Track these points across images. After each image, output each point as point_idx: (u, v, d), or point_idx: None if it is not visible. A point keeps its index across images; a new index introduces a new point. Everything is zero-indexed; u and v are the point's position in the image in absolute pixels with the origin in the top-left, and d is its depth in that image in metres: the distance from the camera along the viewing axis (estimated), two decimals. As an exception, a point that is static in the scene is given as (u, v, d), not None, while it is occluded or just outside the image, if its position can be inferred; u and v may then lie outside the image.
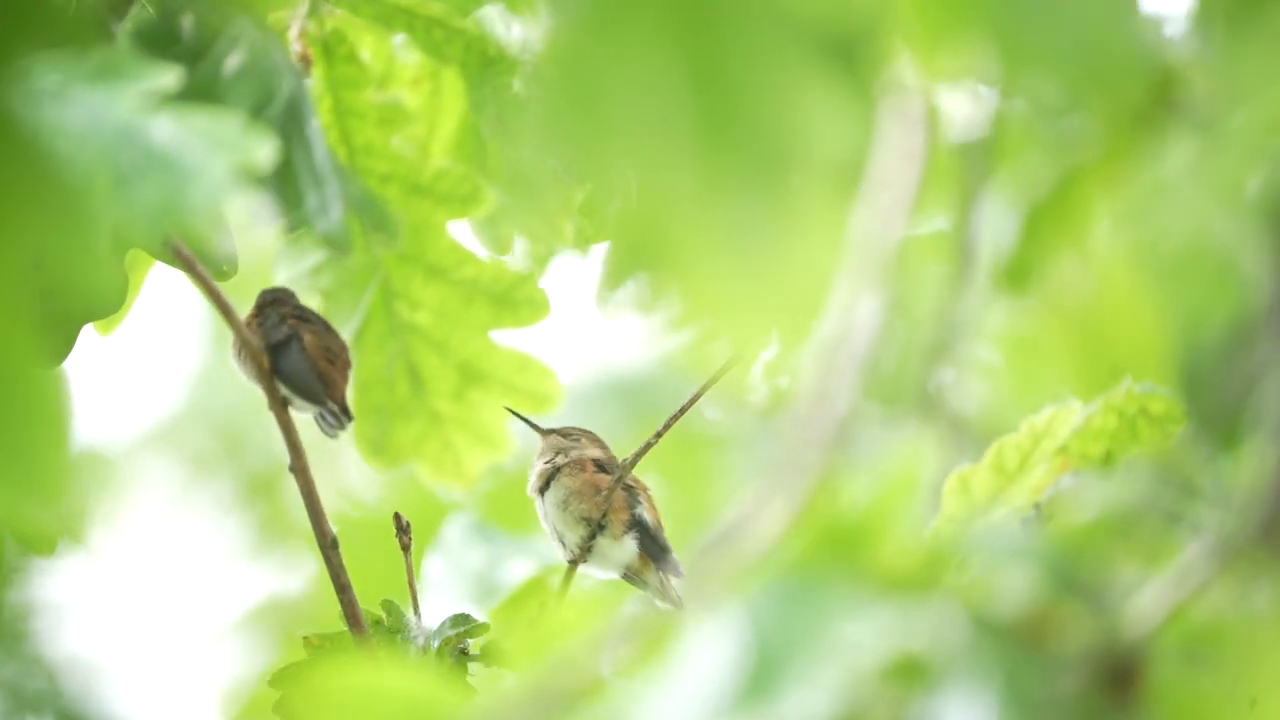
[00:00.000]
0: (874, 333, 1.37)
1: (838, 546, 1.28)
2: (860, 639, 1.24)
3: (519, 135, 1.22)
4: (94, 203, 1.48)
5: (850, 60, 1.31)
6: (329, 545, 1.97)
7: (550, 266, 2.13)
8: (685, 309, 1.32)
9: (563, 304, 2.10)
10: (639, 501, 2.09)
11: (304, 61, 1.91)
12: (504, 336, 2.08)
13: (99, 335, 2.01)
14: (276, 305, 1.99)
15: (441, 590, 2.48)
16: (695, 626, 1.27)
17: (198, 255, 1.85)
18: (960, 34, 1.30)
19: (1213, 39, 1.39)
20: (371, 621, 1.97)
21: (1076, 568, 1.30)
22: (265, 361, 1.96)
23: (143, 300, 2.03)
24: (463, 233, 2.06)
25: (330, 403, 1.97)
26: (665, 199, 1.30)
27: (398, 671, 1.33)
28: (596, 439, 2.13)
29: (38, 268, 1.78)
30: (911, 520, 1.29)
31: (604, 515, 2.07)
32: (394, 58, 2.00)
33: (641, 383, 3.31)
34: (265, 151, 1.51)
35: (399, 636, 1.98)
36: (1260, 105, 1.36)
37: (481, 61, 1.96)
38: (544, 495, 2.10)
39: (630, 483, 2.09)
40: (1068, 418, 1.92)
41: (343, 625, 1.96)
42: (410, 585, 2.04)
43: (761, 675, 1.24)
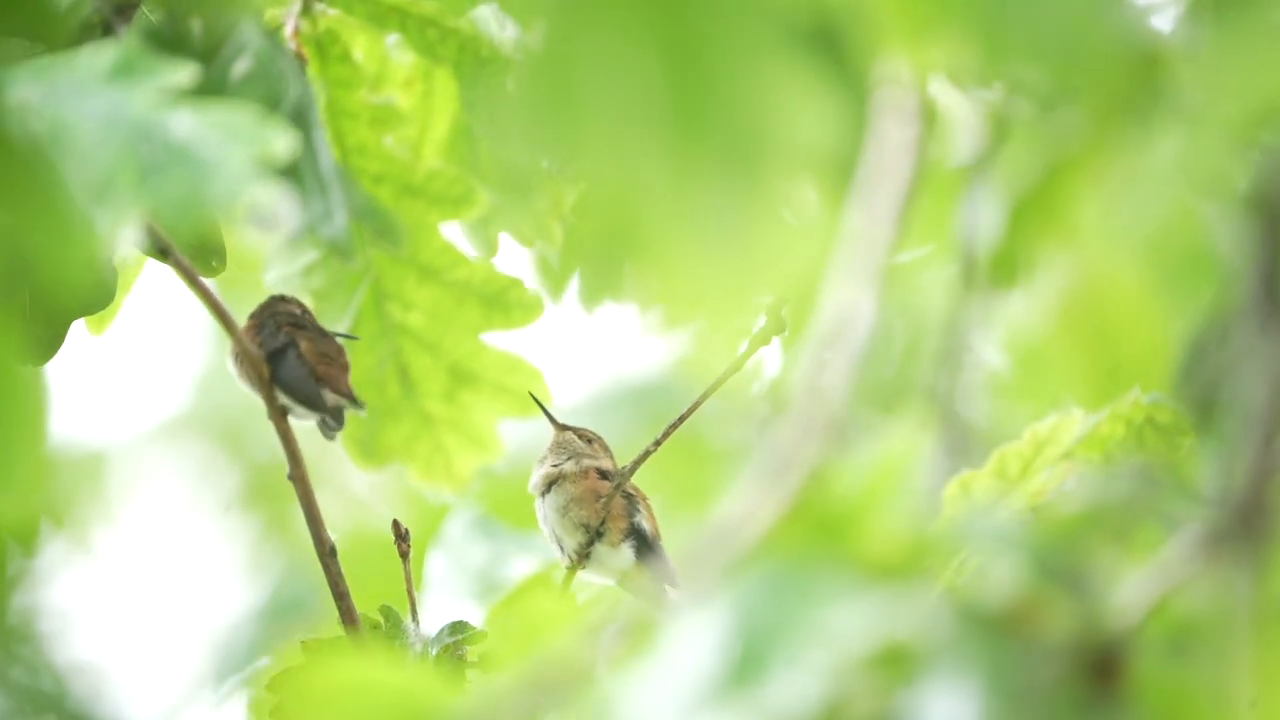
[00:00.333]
0: (869, 330, 1.37)
1: (825, 535, 1.28)
2: (846, 627, 1.24)
3: (500, 126, 1.22)
4: (79, 196, 1.48)
5: (828, 49, 1.31)
6: (327, 553, 1.97)
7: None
8: (657, 296, 1.32)
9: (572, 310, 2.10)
10: (638, 510, 2.09)
11: (299, 61, 1.92)
12: (496, 338, 2.08)
13: (91, 334, 2.01)
14: (273, 313, 1.99)
15: (444, 587, 2.48)
16: (682, 615, 1.27)
17: (194, 250, 1.85)
18: (943, 22, 1.30)
19: (1199, 28, 1.39)
20: (370, 627, 1.97)
21: (1061, 559, 1.30)
22: (265, 371, 1.96)
23: (144, 300, 2.03)
24: (455, 234, 2.06)
25: (335, 401, 1.96)
26: (639, 184, 1.30)
27: (388, 667, 1.33)
28: (606, 445, 2.13)
29: (24, 263, 1.79)
30: (899, 509, 1.29)
31: (602, 522, 2.07)
32: (387, 58, 2.01)
33: (654, 388, 3.31)
34: (283, 143, 1.51)
35: (397, 642, 1.98)
36: (1244, 96, 1.36)
37: (474, 62, 1.96)
38: (545, 497, 2.10)
39: (630, 491, 2.09)
40: (1071, 425, 1.92)
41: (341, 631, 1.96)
42: (409, 592, 2.04)
43: (747, 662, 1.24)
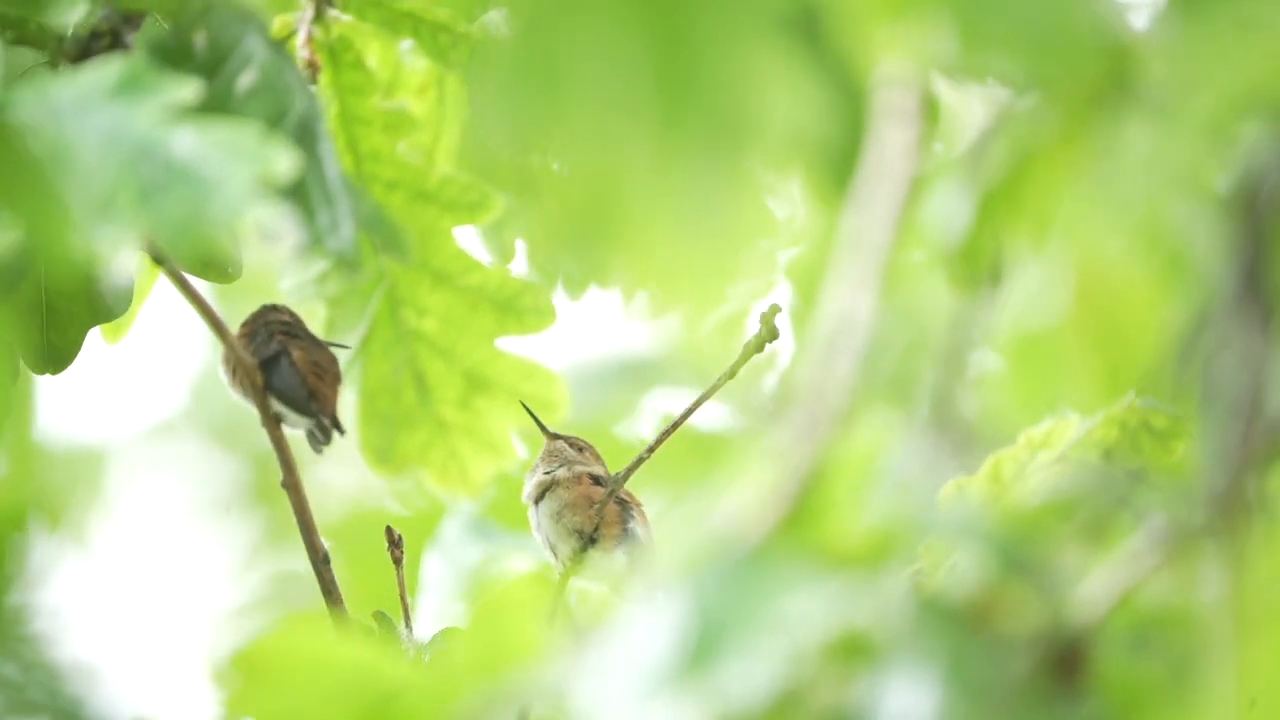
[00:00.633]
0: (870, 329, 1.37)
1: (796, 522, 1.28)
2: (804, 614, 1.24)
3: (483, 109, 1.22)
4: (80, 215, 1.49)
5: (812, 36, 1.31)
6: (321, 561, 1.97)
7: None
8: (641, 280, 1.32)
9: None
10: (632, 515, 2.09)
11: (311, 68, 1.92)
12: (510, 343, 2.08)
13: (107, 342, 2.01)
14: (265, 322, 2.00)
15: (439, 589, 2.48)
16: (639, 600, 1.27)
17: (206, 259, 1.85)
18: (919, 11, 1.30)
19: (1171, 21, 1.39)
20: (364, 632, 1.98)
21: (1025, 551, 1.30)
22: (258, 379, 1.96)
23: (142, 301, 2.04)
24: (468, 239, 2.06)
25: (321, 417, 1.97)
26: (623, 166, 1.30)
27: (343, 643, 1.33)
28: (597, 454, 2.13)
29: (37, 273, 1.79)
30: (865, 501, 1.29)
31: (596, 528, 2.07)
32: (400, 64, 2.01)
33: (639, 366, 3.31)
34: (285, 162, 1.52)
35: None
36: (1217, 89, 1.36)
37: (480, 66, 1.96)
38: (538, 505, 2.10)
39: (624, 496, 2.09)
40: (1066, 430, 1.92)
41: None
42: (402, 599, 2.04)
43: (704, 648, 1.24)
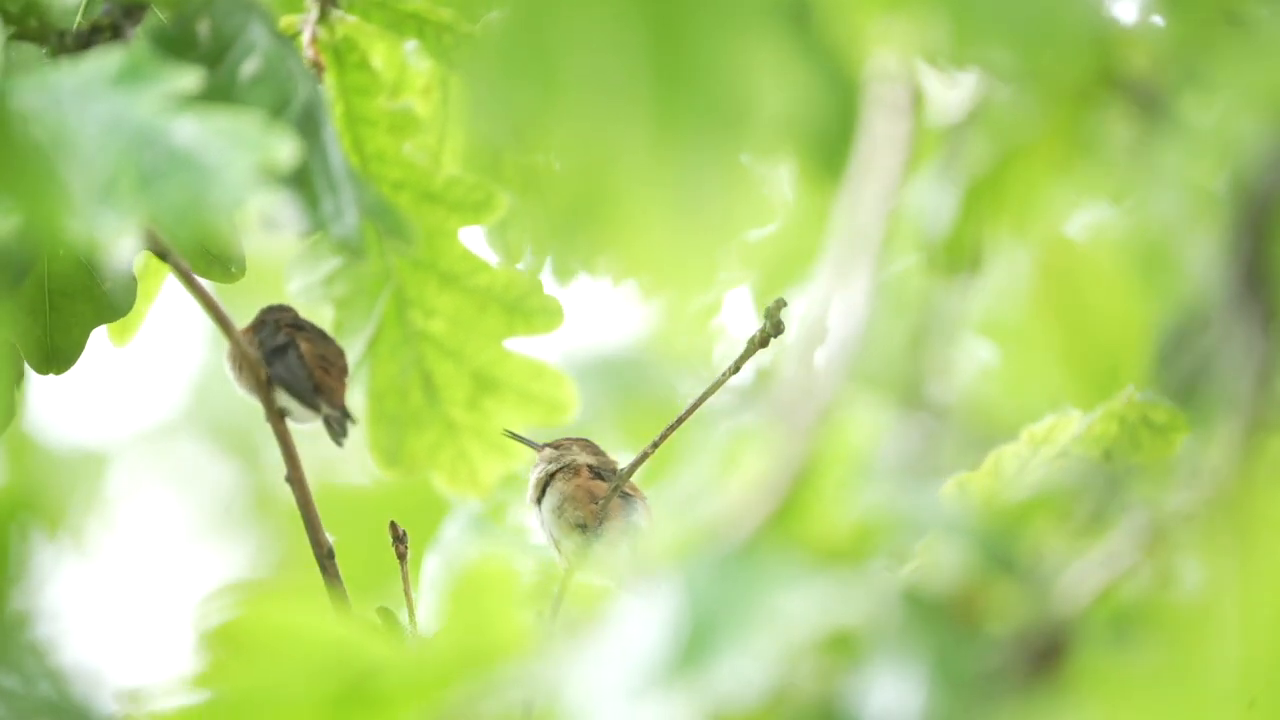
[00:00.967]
0: (860, 319, 1.36)
1: (783, 515, 1.28)
2: (793, 611, 1.25)
3: (476, 96, 1.22)
4: (105, 206, 1.49)
5: (802, 26, 1.31)
6: (325, 555, 1.97)
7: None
8: (630, 268, 1.32)
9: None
10: (635, 509, 2.08)
11: (316, 69, 1.92)
12: (517, 344, 2.08)
13: (114, 344, 2.01)
14: (273, 318, 1.99)
15: (439, 588, 2.48)
16: (630, 595, 1.27)
17: (210, 256, 1.85)
18: (910, 3, 1.30)
19: (1159, 16, 1.39)
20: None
21: (1008, 545, 1.30)
22: (263, 373, 1.95)
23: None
24: (475, 240, 2.06)
25: (330, 409, 1.96)
26: (617, 151, 1.30)
27: (323, 616, 1.33)
28: (589, 444, 2.12)
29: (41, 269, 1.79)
30: (851, 494, 1.29)
31: (599, 522, 2.06)
32: (405, 65, 2.00)
33: (626, 361, 3.31)
34: (286, 150, 1.51)
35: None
36: (1217, 94, 1.36)
37: (473, 55, 1.96)
38: (540, 503, 2.10)
39: (627, 490, 2.08)
40: (1068, 425, 1.91)
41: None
42: (406, 594, 2.04)
43: (694, 645, 1.25)
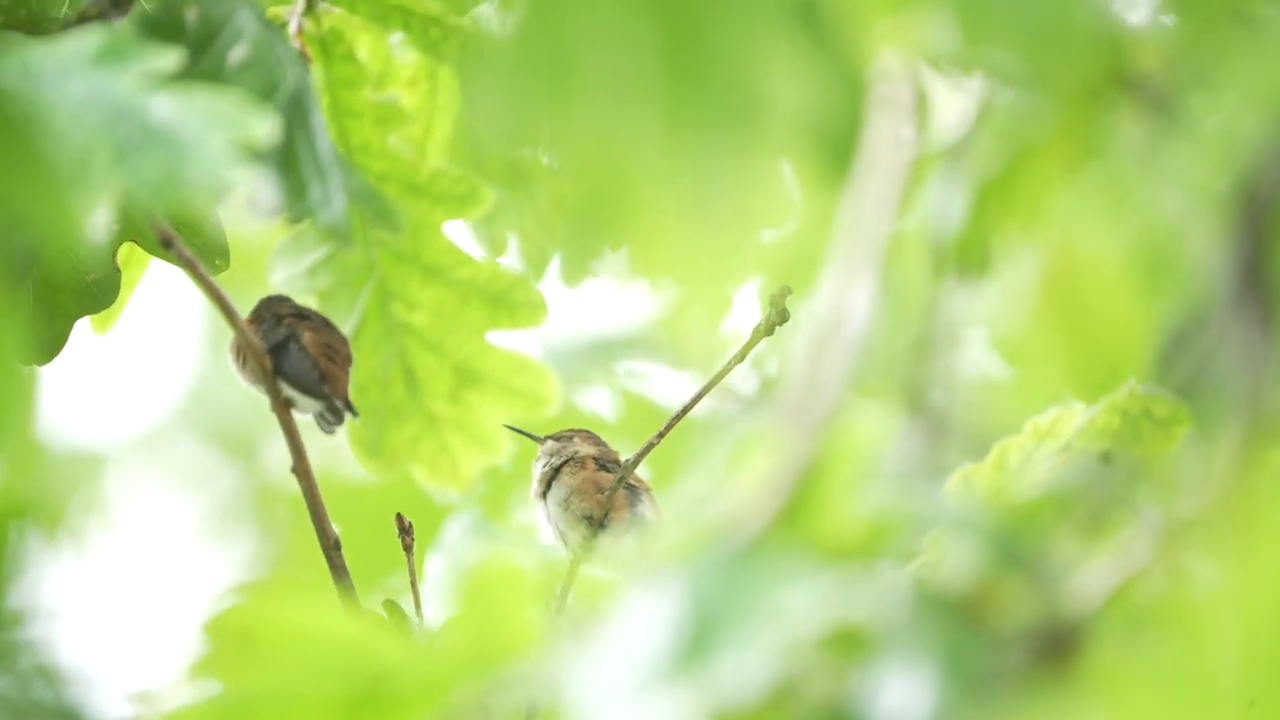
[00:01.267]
0: (865, 321, 1.36)
1: (789, 514, 1.28)
2: (800, 607, 1.25)
3: (488, 97, 1.22)
4: (80, 179, 1.48)
5: (810, 25, 1.31)
6: (331, 546, 1.96)
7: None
8: (641, 266, 1.32)
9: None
10: (640, 500, 2.08)
11: (303, 60, 1.92)
12: (500, 338, 2.08)
13: (95, 333, 2.01)
14: (273, 308, 1.98)
15: (443, 587, 2.47)
16: (635, 591, 1.26)
17: (195, 248, 1.85)
18: (919, 3, 1.30)
19: (1168, 17, 1.39)
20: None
21: (1020, 543, 1.30)
22: (268, 363, 1.94)
23: (142, 301, 2.03)
24: (459, 234, 2.06)
25: (334, 399, 1.95)
26: (630, 149, 1.30)
27: (335, 616, 1.33)
28: (590, 435, 2.12)
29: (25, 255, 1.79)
30: (860, 492, 1.29)
31: (606, 514, 2.06)
32: (391, 57, 2.00)
33: (618, 341, 3.31)
34: (265, 128, 1.51)
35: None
36: (1224, 94, 1.36)
37: (477, 60, 1.96)
38: (545, 497, 2.09)
39: (633, 482, 2.08)
40: (1071, 418, 1.91)
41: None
42: (413, 585, 2.03)
43: (699, 641, 1.24)
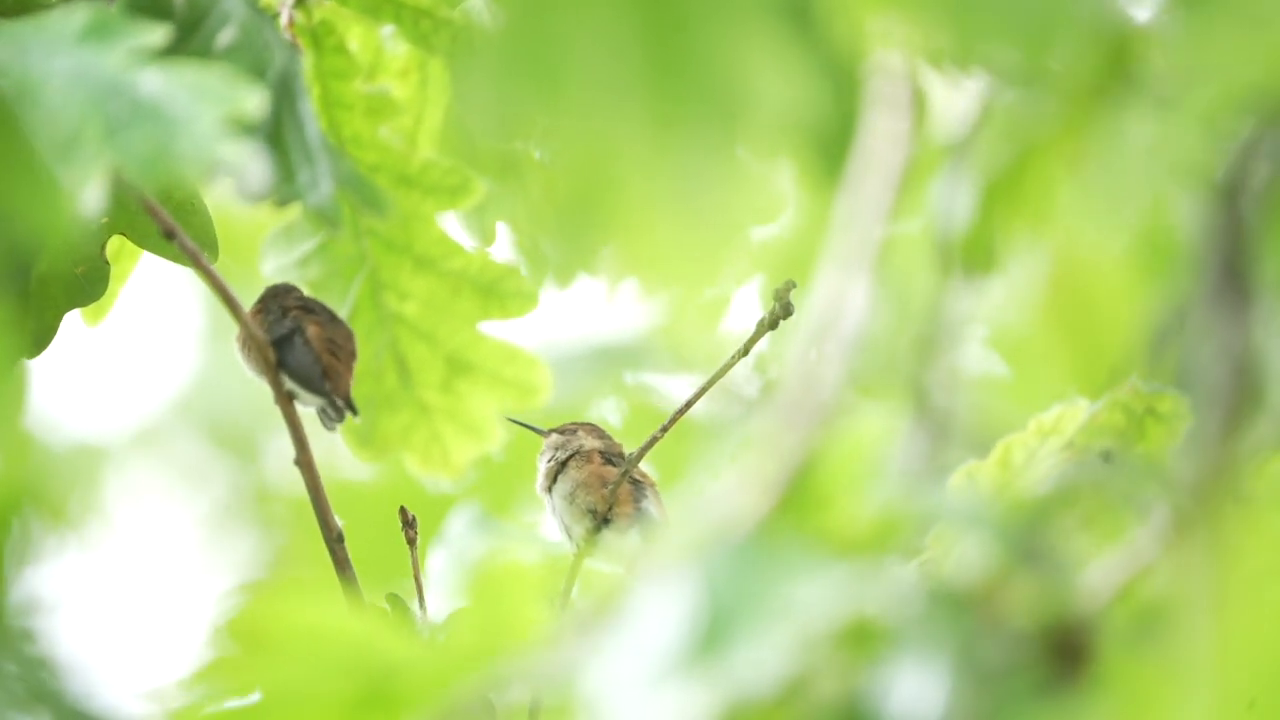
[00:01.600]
0: (862, 320, 1.37)
1: (795, 511, 1.29)
2: (813, 602, 1.25)
3: (474, 93, 1.22)
4: (70, 156, 1.49)
5: (802, 22, 1.32)
6: (334, 539, 1.96)
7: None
8: (631, 266, 1.33)
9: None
10: (645, 495, 2.09)
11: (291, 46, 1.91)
12: (492, 327, 2.08)
13: (87, 325, 2.01)
14: (279, 299, 1.98)
15: (445, 583, 2.48)
16: (649, 585, 1.27)
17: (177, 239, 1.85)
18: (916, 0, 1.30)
19: (1172, 12, 1.39)
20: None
21: (1031, 540, 1.31)
22: (271, 355, 1.94)
23: (140, 298, 2.03)
24: (451, 224, 2.06)
25: (334, 397, 1.95)
26: (616, 147, 1.31)
27: (342, 613, 1.33)
28: (595, 429, 2.13)
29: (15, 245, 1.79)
30: (870, 488, 1.29)
31: (610, 508, 2.07)
32: (382, 49, 2.01)
33: (621, 349, 3.31)
34: (254, 102, 1.52)
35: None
36: (1217, 81, 1.36)
37: (468, 52, 1.96)
38: (551, 491, 2.10)
39: (637, 476, 2.09)
40: (1075, 415, 1.91)
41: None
42: (416, 579, 2.04)
43: (713, 635, 1.25)
